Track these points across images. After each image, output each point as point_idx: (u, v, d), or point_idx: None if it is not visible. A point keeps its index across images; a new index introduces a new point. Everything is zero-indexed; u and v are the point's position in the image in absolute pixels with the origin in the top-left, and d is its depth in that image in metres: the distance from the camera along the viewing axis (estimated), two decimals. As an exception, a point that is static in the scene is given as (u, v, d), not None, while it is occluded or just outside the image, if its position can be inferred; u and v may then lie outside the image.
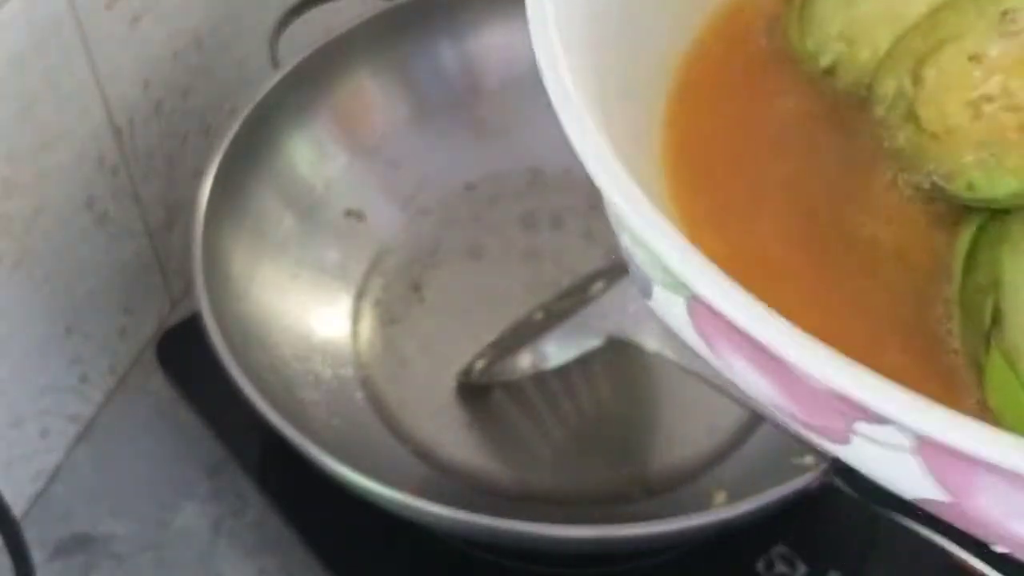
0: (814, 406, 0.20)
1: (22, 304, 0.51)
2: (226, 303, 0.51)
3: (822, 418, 0.20)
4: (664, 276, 0.22)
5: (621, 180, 0.20)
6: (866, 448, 0.20)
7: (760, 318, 0.18)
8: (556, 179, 0.64)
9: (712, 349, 0.22)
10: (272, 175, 0.58)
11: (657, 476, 0.53)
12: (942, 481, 0.19)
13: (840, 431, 0.20)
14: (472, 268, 0.61)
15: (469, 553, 0.51)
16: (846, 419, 0.19)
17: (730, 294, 0.19)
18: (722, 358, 0.22)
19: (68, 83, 0.50)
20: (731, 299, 0.19)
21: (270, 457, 0.55)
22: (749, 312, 0.18)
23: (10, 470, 0.53)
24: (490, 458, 0.53)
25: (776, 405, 0.21)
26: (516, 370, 0.53)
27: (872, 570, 0.51)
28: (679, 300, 0.22)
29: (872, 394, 0.17)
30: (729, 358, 0.21)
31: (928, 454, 0.19)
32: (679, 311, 0.22)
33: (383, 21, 0.61)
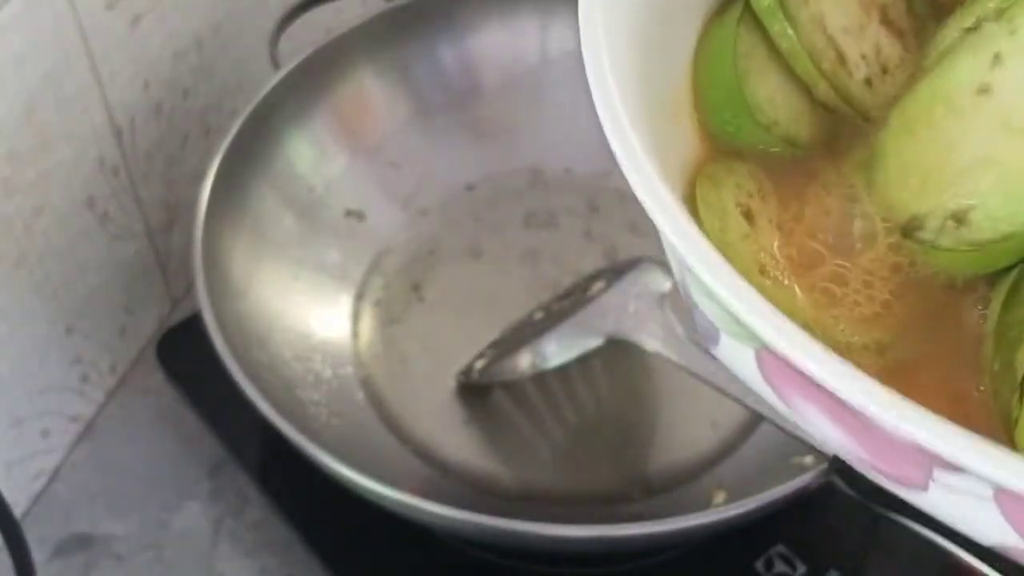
0: (892, 456, 0.20)
1: (22, 304, 0.51)
2: (226, 303, 0.51)
3: (899, 467, 0.20)
4: (732, 326, 0.22)
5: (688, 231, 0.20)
6: (944, 495, 0.20)
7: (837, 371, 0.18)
8: (556, 179, 0.64)
9: (782, 398, 0.22)
10: (272, 175, 0.58)
11: (657, 476, 0.53)
12: (1019, 528, 0.19)
13: (918, 479, 0.20)
14: (472, 268, 0.61)
15: (469, 553, 0.51)
16: (924, 468, 0.19)
17: (804, 346, 0.19)
18: (793, 407, 0.21)
19: (68, 83, 0.50)
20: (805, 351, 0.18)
21: (270, 457, 0.55)
22: (825, 365, 0.18)
23: (10, 470, 0.53)
24: (490, 458, 0.53)
25: (852, 454, 0.21)
26: (516, 370, 0.54)
27: (872, 570, 0.51)
28: (748, 350, 0.22)
29: (951, 446, 0.17)
30: (801, 408, 0.21)
31: (1006, 502, 0.19)
32: (747, 360, 0.22)
33: (383, 21, 0.61)
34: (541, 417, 0.55)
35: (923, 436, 0.17)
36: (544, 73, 0.64)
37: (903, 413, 0.18)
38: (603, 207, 0.63)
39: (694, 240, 0.20)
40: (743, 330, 0.20)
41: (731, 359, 0.23)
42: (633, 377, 0.56)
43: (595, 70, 0.22)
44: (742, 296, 0.19)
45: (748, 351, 0.22)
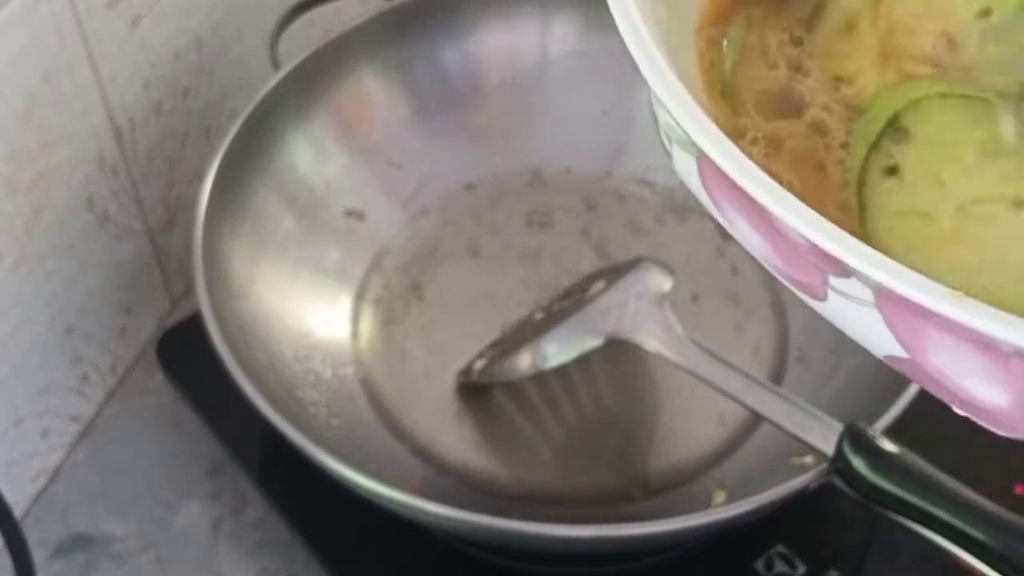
0: (797, 261, 0.22)
1: (22, 304, 0.51)
2: (226, 303, 0.51)
3: (804, 273, 0.22)
4: (680, 136, 0.25)
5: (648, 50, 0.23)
6: (840, 303, 0.22)
7: (750, 174, 0.21)
8: (556, 179, 0.64)
9: (717, 206, 0.24)
10: (272, 175, 0.58)
11: (657, 476, 0.53)
12: (899, 337, 0.21)
13: (819, 287, 0.22)
14: (472, 268, 0.61)
15: (469, 553, 0.51)
16: (821, 274, 0.22)
17: (727, 153, 0.21)
18: (725, 215, 0.24)
19: (68, 83, 0.50)
20: (728, 157, 0.21)
21: (270, 457, 0.55)
22: (742, 169, 0.21)
23: (11, 470, 0.53)
24: (490, 458, 0.54)
25: (769, 261, 0.23)
26: (516, 370, 0.54)
27: (872, 570, 0.51)
28: (691, 159, 0.24)
29: (828, 241, 0.20)
30: (731, 215, 0.24)
31: (886, 307, 0.21)
32: (692, 169, 0.25)
33: (383, 21, 0.61)
34: (541, 417, 0.55)
35: (813, 235, 0.20)
36: (544, 73, 0.64)
37: (799, 214, 0.20)
38: (603, 207, 0.63)
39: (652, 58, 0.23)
40: (686, 140, 0.23)
41: (681, 170, 0.26)
42: (633, 377, 0.56)
43: None
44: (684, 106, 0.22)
45: (691, 160, 0.24)
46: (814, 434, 0.43)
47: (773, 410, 0.45)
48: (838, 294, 0.22)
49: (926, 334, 0.20)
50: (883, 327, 0.21)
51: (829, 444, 0.42)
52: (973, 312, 0.18)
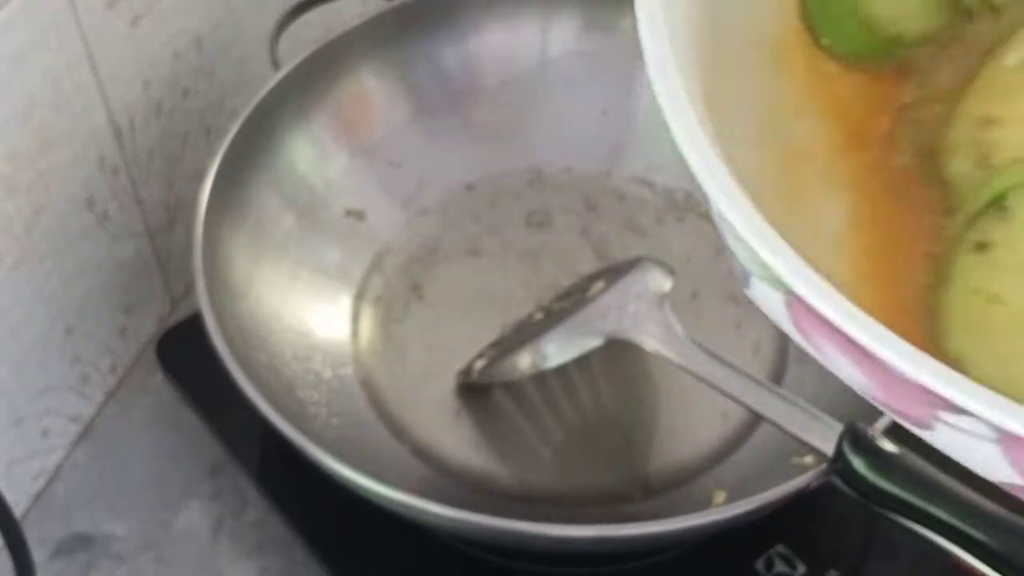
0: (903, 396, 0.21)
1: (22, 304, 0.51)
2: (226, 303, 0.51)
3: (910, 407, 0.21)
4: (762, 271, 0.23)
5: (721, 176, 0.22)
6: (950, 434, 0.21)
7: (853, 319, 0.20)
8: (556, 179, 0.64)
9: (807, 338, 0.23)
10: (272, 175, 0.58)
11: (657, 476, 0.53)
12: (1020, 469, 0.20)
13: (926, 419, 0.21)
14: (472, 268, 0.61)
15: (469, 553, 0.51)
16: (931, 408, 0.21)
17: (826, 296, 0.20)
18: (816, 347, 0.23)
19: (68, 83, 0.50)
20: (827, 300, 0.20)
21: (270, 457, 0.55)
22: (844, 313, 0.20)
23: (11, 470, 0.53)
24: (490, 458, 0.53)
25: (866, 393, 0.23)
26: (516, 370, 0.54)
27: (872, 570, 0.51)
28: (777, 294, 0.23)
29: (954, 390, 0.19)
30: (824, 347, 0.23)
31: (1005, 442, 0.20)
32: (777, 304, 0.23)
33: (383, 21, 0.61)
34: (541, 417, 0.55)
35: (930, 381, 0.19)
36: (544, 73, 0.64)
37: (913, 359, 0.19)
38: (603, 207, 0.63)
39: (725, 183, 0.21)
40: (772, 276, 0.22)
41: (762, 301, 0.24)
42: (633, 377, 0.56)
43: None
44: (770, 245, 0.21)
45: (777, 295, 0.23)
46: (814, 434, 0.43)
47: (773, 410, 0.45)
48: (949, 427, 0.21)
49: None
50: (1002, 460, 0.20)
51: (829, 444, 0.42)
52: None
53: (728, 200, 0.21)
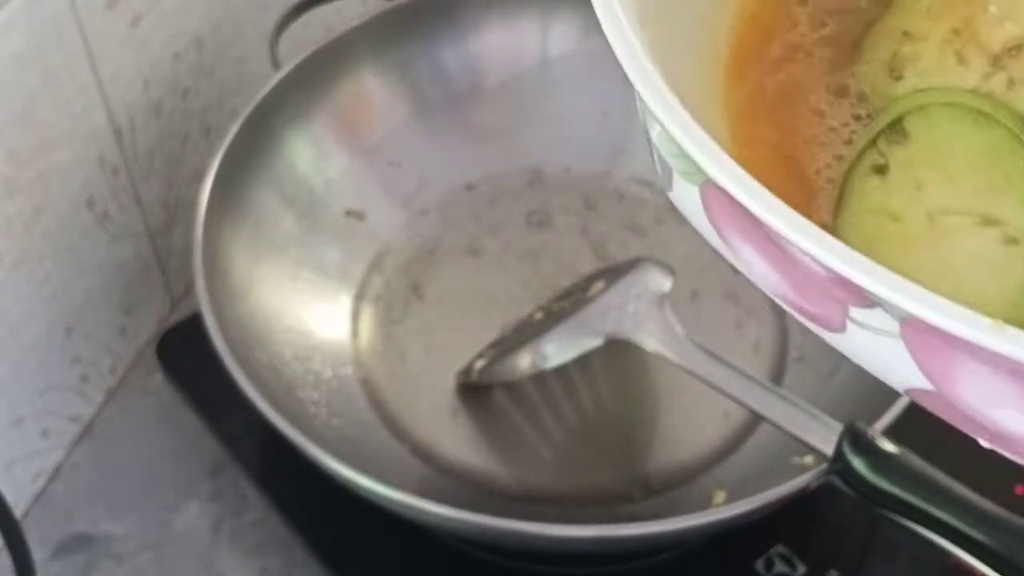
0: (813, 293, 0.21)
1: (22, 304, 0.51)
2: (226, 303, 0.51)
3: (820, 305, 0.21)
4: (681, 164, 0.23)
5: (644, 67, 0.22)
6: (860, 335, 0.21)
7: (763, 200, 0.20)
8: (556, 179, 0.64)
9: (723, 238, 0.23)
10: (272, 175, 0.58)
11: (657, 476, 0.53)
12: (926, 369, 0.20)
13: (836, 318, 0.21)
14: (472, 268, 0.61)
15: (469, 553, 0.51)
16: (841, 305, 0.21)
17: (738, 178, 0.20)
18: (732, 246, 0.23)
19: (68, 83, 0.50)
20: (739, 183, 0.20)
21: (270, 457, 0.55)
22: (754, 195, 0.20)
23: (10, 470, 0.53)
24: (490, 458, 0.54)
25: (780, 294, 0.22)
26: (516, 370, 0.54)
27: (872, 570, 0.51)
28: (694, 189, 0.23)
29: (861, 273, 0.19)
30: (738, 245, 0.23)
31: (910, 337, 0.20)
32: (694, 199, 0.23)
33: (383, 21, 0.61)
34: (541, 417, 0.55)
35: (836, 264, 0.19)
36: (544, 73, 0.64)
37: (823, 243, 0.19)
38: (603, 206, 0.63)
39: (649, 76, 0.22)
40: (689, 166, 0.22)
41: (681, 200, 0.24)
42: (633, 377, 0.56)
43: None
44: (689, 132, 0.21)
45: (694, 189, 0.23)
46: (814, 434, 0.43)
47: (773, 410, 0.45)
48: (858, 326, 0.21)
49: (957, 365, 0.19)
50: (908, 359, 0.20)
51: (829, 444, 0.42)
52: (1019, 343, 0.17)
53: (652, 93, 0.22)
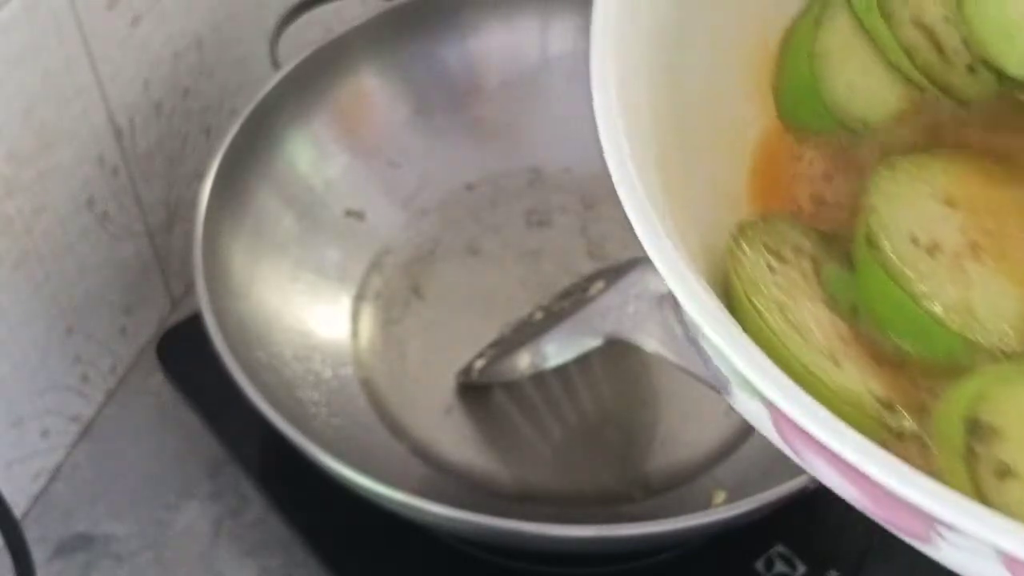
0: (897, 511, 0.21)
1: (22, 304, 0.51)
2: (226, 303, 0.51)
3: (905, 522, 0.21)
4: (743, 383, 0.22)
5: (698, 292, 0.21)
6: (949, 550, 0.20)
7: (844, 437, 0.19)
8: (556, 179, 0.64)
9: (794, 451, 0.22)
10: (272, 175, 0.58)
11: (657, 476, 0.53)
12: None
13: (923, 534, 0.21)
14: (472, 268, 0.61)
15: (469, 553, 0.51)
16: (928, 525, 0.20)
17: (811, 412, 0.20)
18: (803, 459, 0.22)
19: (68, 83, 0.50)
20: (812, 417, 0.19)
21: (270, 457, 0.55)
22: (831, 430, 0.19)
23: (11, 470, 0.53)
24: (490, 458, 0.54)
25: (859, 505, 0.22)
26: (515, 370, 0.53)
27: (872, 570, 0.51)
28: (760, 405, 0.22)
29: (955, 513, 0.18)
30: (810, 460, 0.22)
31: (1012, 566, 0.19)
32: (760, 413, 0.23)
33: (383, 21, 0.61)
34: (541, 417, 0.55)
35: (926, 502, 0.18)
36: (544, 73, 0.64)
37: (908, 480, 0.19)
38: (602, 206, 0.63)
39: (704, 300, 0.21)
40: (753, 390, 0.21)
41: (742, 408, 0.24)
42: (633, 377, 0.56)
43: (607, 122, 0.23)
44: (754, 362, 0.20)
45: (760, 405, 0.22)
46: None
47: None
48: (948, 543, 0.20)
49: None
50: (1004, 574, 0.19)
51: (828, 445, 0.42)
52: None
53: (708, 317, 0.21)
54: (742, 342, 0.21)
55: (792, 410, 0.20)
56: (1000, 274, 0.24)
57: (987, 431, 0.22)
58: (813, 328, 0.24)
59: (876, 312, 0.25)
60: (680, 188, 0.24)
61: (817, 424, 0.19)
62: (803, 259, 0.26)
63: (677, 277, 0.21)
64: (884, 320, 0.25)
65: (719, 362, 0.23)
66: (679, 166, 0.25)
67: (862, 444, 0.19)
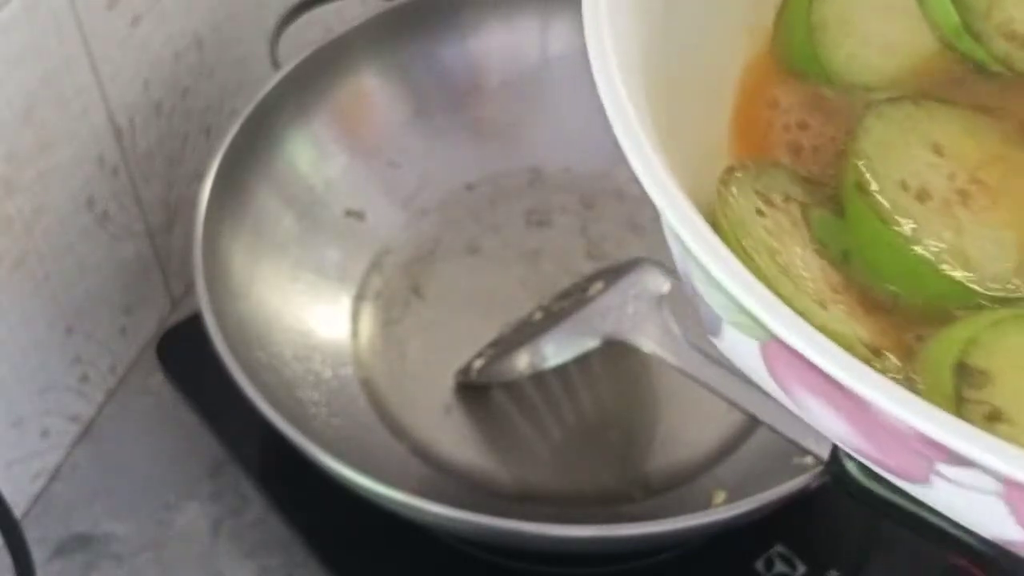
0: (893, 447, 0.20)
1: (22, 304, 0.51)
2: (226, 303, 0.51)
3: (900, 459, 0.20)
4: (738, 318, 0.22)
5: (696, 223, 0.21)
6: (946, 489, 0.20)
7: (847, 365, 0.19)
8: (556, 178, 0.64)
9: (784, 389, 0.22)
10: (272, 175, 0.58)
11: (657, 476, 0.53)
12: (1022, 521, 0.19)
13: (919, 472, 0.20)
14: (472, 268, 0.61)
15: (469, 553, 0.51)
16: (926, 461, 0.20)
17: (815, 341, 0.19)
18: (795, 398, 0.22)
19: (68, 83, 0.50)
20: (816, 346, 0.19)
21: (270, 457, 0.55)
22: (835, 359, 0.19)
23: (10, 470, 0.53)
24: (490, 458, 0.54)
25: (851, 445, 0.21)
26: (514, 370, 0.54)
27: (872, 570, 0.51)
28: (752, 342, 0.22)
29: (960, 439, 0.18)
30: (803, 398, 0.21)
31: (1014, 497, 0.19)
32: (751, 351, 0.22)
33: (383, 21, 0.61)
34: (541, 417, 0.55)
35: (935, 431, 0.18)
36: (544, 73, 0.64)
37: (915, 408, 0.18)
38: (602, 206, 0.63)
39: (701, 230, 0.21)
40: (750, 322, 0.21)
41: (733, 350, 0.23)
42: (633, 377, 0.56)
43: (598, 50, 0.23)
44: (752, 290, 0.20)
45: (752, 343, 0.22)
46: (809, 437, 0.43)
47: (769, 413, 0.45)
48: (947, 480, 0.19)
49: None
50: (1004, 515, 0.19)
51: (824, 447, 0.42)
52: None
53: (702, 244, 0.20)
54: (739, 270, 0.20)
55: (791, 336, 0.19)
56: (991, 220, 0.24)
57: (978, 376, 0.22)
58: (803, 273, 0.24)
59: (867, 257, 0.24)
60: (669, 132, 0.24)
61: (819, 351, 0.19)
62: (792, 205, 0.25)
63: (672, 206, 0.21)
64: (875, 265, 0.24)
65: (712, 299, 0.23)
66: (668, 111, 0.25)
67: (865, 370, 0.19)
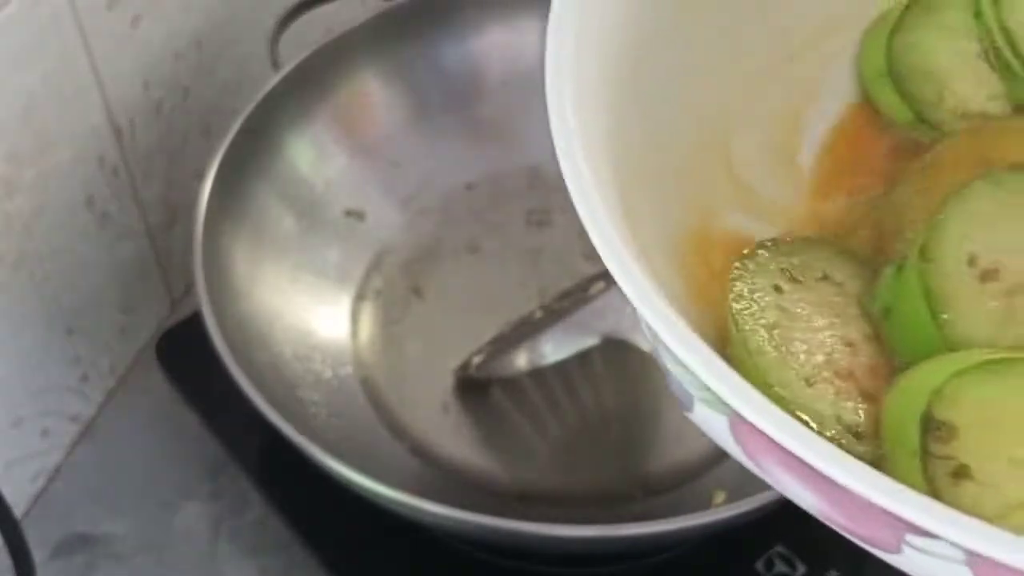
0: (863, 520, 0.21)
1: (22, 304, 0.51)
2: (226, 303, 0.51)
3: (871, 530, 0.21)
4: (705, 395, 0.22)
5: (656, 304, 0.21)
6: (918, 558, 0.20)
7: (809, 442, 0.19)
8: (556, 178, 0.63)
9: (755, 463, 0.22)
10: (272, 175, 0.58)
11: (657, 476, 0.53)
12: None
13: (890, 542, 0.20)
14: (472, 268, 0.61)
15: (469, 553, 0.51)
16: (896, 532, 0.20)
17: (775, 418, 0.19)
18: (766, 471, 0.22)
19: (68, 83, 0.50)
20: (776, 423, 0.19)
21: (270, 457, 0.55)
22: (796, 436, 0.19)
23: (10, 470, 0.53)
24: (490, 458, 0.54)
25: (824, 516, 0.22)
26: (513, 366, 0.54)
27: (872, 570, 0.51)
28: (721, 418, 0.22)
29: (924, 515, 0.18)
30: (773, 472, 0.22)
31: (979, 567, 0.19)
32: (721, 427, 0.22)
33: (383, 21, 0.61)
34: (541, 418, 0.55)
35: (897, 507, 0.18)
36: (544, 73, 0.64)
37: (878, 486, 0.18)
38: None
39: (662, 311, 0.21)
40: (715, 399, 0.21)
41: (706, 424, 0.23)
42: (633, 376, 0.56)
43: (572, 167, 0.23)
44: (713, 368, 0.20)
45: (722, 418, 0.22)
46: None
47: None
48: (917, 550, 0.20)
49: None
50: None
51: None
52: None
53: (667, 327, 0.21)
54: (703, 350, 0.20)
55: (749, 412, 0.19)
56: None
57: (944, 428, 0.22)
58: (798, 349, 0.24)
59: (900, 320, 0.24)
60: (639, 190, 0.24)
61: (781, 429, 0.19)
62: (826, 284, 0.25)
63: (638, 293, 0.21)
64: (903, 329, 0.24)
65: (681, 377, 0.23)
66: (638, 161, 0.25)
67: (827, 448, 0.19)
